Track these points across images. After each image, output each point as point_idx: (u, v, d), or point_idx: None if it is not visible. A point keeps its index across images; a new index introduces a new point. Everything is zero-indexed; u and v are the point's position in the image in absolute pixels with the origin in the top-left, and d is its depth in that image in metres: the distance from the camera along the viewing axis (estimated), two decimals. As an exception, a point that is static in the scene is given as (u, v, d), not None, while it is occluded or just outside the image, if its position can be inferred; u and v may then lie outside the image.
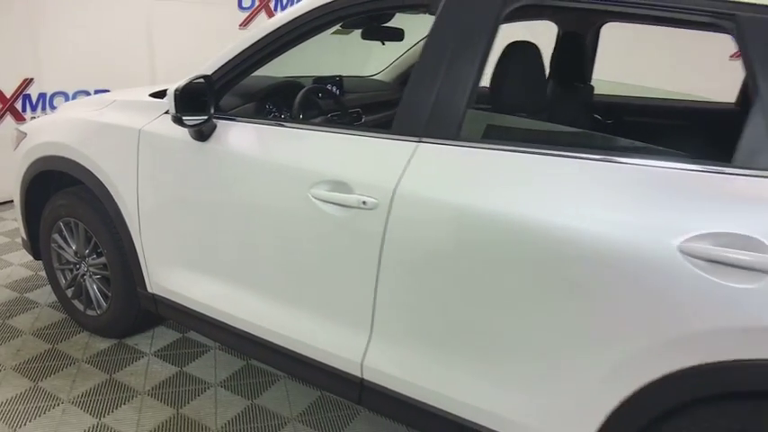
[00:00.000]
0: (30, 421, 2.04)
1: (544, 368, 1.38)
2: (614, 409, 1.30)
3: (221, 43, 1.97)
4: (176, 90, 1.72)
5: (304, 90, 2.17)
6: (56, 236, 2.54)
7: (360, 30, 2.41)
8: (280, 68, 2.60)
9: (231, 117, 1.90)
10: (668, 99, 2.66)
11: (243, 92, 2.14)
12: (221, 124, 1.88)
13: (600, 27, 2.50)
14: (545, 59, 1.85)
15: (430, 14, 1.57)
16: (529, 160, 1.37)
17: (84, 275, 2.51)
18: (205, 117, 1.79)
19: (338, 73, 2.86)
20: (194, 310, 2.06)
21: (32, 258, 2.78)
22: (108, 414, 2.09)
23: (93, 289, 2.50)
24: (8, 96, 4.25)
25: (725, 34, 1.23)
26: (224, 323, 1.98)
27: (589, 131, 1.60)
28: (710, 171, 1.19)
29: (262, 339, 1.88)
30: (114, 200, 2.18)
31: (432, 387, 1.57)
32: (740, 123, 1.19)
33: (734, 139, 1.19)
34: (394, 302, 1.58)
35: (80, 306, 2.58)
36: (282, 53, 1.82)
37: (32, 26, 4.22)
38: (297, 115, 2.16)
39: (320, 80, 2.63)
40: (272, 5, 5.47)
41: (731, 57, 3.65)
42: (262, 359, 2.13)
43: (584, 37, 2.38)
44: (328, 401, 2.20)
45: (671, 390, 1.23)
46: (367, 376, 1.68)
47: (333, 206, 1.59)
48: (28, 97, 4.35)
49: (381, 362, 1.64)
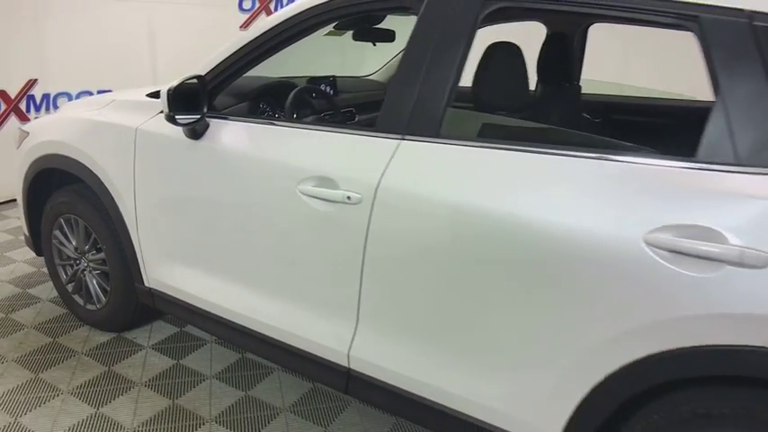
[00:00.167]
0: (30, 411, 2.11)
1: (520, 356, 1.44)
2: (586, 395, 1.35)
3: (222, 44, 2.04)
4: (169, 90, 1.79)
5: (296, 90, 2.23)
6: (57, 232, 2.61)
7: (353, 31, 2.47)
8: (280, 69, 2.68)
9: (224, 116, 1.96)
10: (658, 98, 2.71)
11: (237, 92, 2.21)
12: (214, 123, 1.94)
13: (587, 28, 2.56)
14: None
15: (414, 16, 1.63)
16: (504, 157, 1.42)
17: (84, 271, 2.58)
18: (198, 116, 1.86)
19: (339, 73, 2.92)
20: (189, 303, 2.12)
21: (35, 255, 2.86)
22: (106, 404, 2.16)
23: (92, 284, 2.57)
24: (13, 97, 4.34)
25: (690, 33, 1.28)
26: (216, 315, 2.04)
27: (561, 129, 1.65)
28: (674, 166, 1.24)
29: (252, 331, 1.94)
30: (112, 197, 2.25)
31: (414, 376, 1.62)
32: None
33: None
34: (378, 294, 1.64)
35: (80, 301, 2.65)
36: (272, 55, 1.88)
37: (37, 28, 4.31)
38: (289, 114, 2.23)
39: (314, 80, 2.70)
40: (273, 7, 5.54)
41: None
42: (253, 350, 2.19)
43: (570, 37, 2.43)
44: (320, 393, 2.26)
45: (637, 376, 1.28)
46: (353, 366, 1.74)
47: (319, 201, 1.65)
48: (32, 98, 4.44)
49: (366, 352, 1.70)
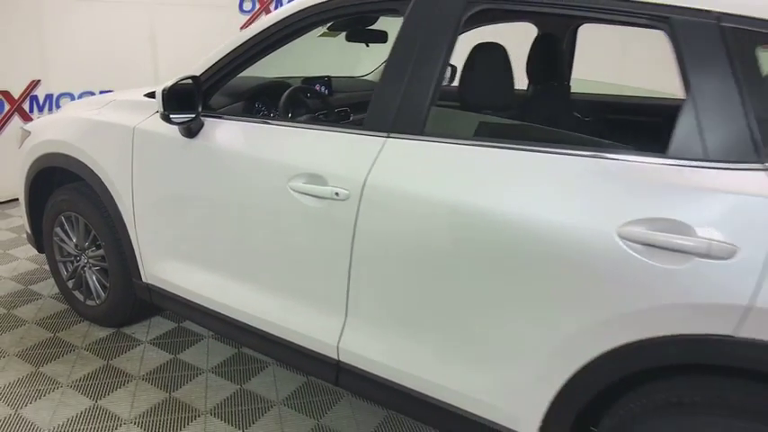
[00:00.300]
0: (30, 403, 2.17)
1: (502, 348, 1.48)
2: (565, 384, 1.39)
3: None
4: (163, 90, 1.84)
5: (289, 90, 2.28)
6: (57, 229, 2.67)
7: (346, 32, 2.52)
8: (281, 69, 2.73)
9: (218, 115, 2.01)
10: (648, 97, 2.75)
11: (232, 92, 2.26)
12: (209, 122, 1.99)
13: (576, 29, 2.60)
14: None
15: (401, 17, 1.68)
16: (484, 154, 1.47)
17: (84, 267, 2.64)
18: (192, 115, 1.91)
19: (337, 73, 2.97)
20: (183, 298, 2.17)
21: (36, 252, 2.92)
22: (104, 397, 2.21)
23: (92, 280, 2.63)
24: (16, 97, 4.41)
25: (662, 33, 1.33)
26: (210, 309, 2.09)
27: (541, 126, 1.70)
28: (648, 162, 1.29)
29: (246, 324, 1.99)
30: (111, 194, 2.30)
31: (401, 368, 1.67)
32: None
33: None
34: (365, 288, 1.68)
35: (80, 297, 2.71)
36: (265, 56, 1.93)
37: (40, 29, 4.38)
38: (283, 114, 2.28)
39: (309, 80, 2.75)
40: (273, 8, 5.60)
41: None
42: (245, 343, 2.24)
43: (559, 38, 2.48)
44: (313, 387, 2.31)
45: (613, 365, 1.32)
46: (343, 358, 1.79)
47: (309, 197, 1.70)
48: (35, 98, 4.51)
49: (355, 344, 1.75)
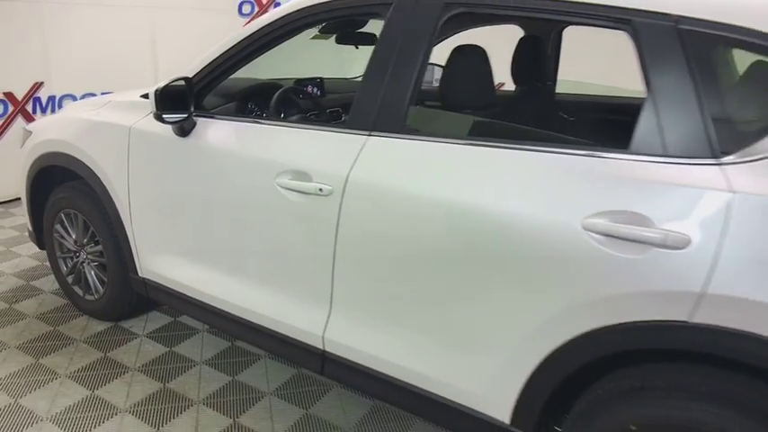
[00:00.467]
0: (30, 392, 2.24)
1: (476, 335, 1.55)
2: (535, 369, 1.46)
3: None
4: (156, 91, 1.92)
5: (280, 91, 2.36)
6: (57, 226, 2.75)
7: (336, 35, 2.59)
8: (277, 71, 2.82)
9: (210, 115, 2.09)
10: (629, 97, 2.80)
11: (226, 92, 2.34)
12: (201, 121, 2.07)
13: (561, 31, 2.67)
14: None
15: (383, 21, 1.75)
16: (460, 151, 1.54)
17: (83, 263, 2.72)
18: (185, 115, 1.99)
19: (336, 75, 3.04)
20: (178, 291, 2.25)
21: (38, 248, 3.00)
22: (101, 387, 2.29)
23: (91, 275, 2.71)
24: (19, 99, 4.51)
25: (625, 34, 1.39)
26: (203, 302, 2.17)
27: (515, 125, 1.76)
28: (610, 157, 1.35)
29: (236, 316, 2.06)
30: (108, 191, 2.38)
31: (382, 356, 1.74)
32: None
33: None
34: (348, 280, 1.75)
35: (80, 291, 2.79)
36: (254, 58, 2.01)
37: (42, 33, 4.48)
38: (274, 114, 2.35)
39: (301, 82, 2.82)
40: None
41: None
42: (237, 335, 2.32)
43: (543, 40, 2.54)
44: (303, 378, 2.38)
45: (579, 350, 1.39)
46: (328, 348, 1.86)
47: (295, 193, 1.78)
48: (38, 100, 4.61)
49: (339, 334, 1.82)
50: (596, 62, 3.50)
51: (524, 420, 1.52)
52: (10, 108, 4.49)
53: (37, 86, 4.58)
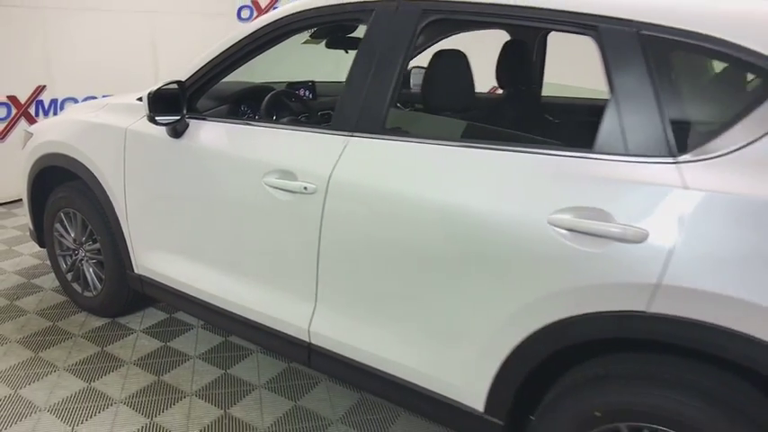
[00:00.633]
0: (29, 384, 2.33)
1: (451, 327, 1.62)
2: (506, 359, 1.53)
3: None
4: (149, 94, 2.00)
5: (271, 94, 2.44)
6: (57, 225, 2.84)
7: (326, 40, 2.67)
8: (276, 74, 2.89)
9: (202, 117, 2.17)
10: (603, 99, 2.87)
11: (219, 95, 2.42)
12: (193, 123, 2.15)
13: (546, 36, 2.74)
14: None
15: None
16: (435, 151, 1.61)
17: (81, 260, 2.80)
18: (177, 117, 2.07)
19: (334, 78, 3.11)
20: (171, 287, 2.33)
21: (38, 247, 3.09)
22: (97, 379, 2.37)
23: (89, 272, 2.79)
24: (22, 102, 4.61)
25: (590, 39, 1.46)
26: (196, 298, 2.24)
27: (488, 126, 1.83)
28: (575, 156, 1.42)
29: (226, 311, 2.14)
30: (106, 191, 2.47)
31: (365, 348, 1.81)
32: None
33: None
34: (332, 275, 1.83)
35: (78, 288, 2.87)
36: (245, 62, 2.09)
37: (45, 38, 4.59)
38: (265, 116, 2.43)
39: (293, 85, 2.90)
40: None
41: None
42: (227, 328, 2.39)
43: (527, 44, 2.61)
44: (293, 372, 2.45)
45: (546, 340, 1.45)
46: (314, 341, 1.93)
47: (281, 192, 1.85)
48: (41, 103, 4.71)
49: (324, 327, 1.89)
50: (583, 65, 3.57)
51: (498, 408, 1.59)
52: (13, 111, 4.59)
53: (39, 90, 4.68)
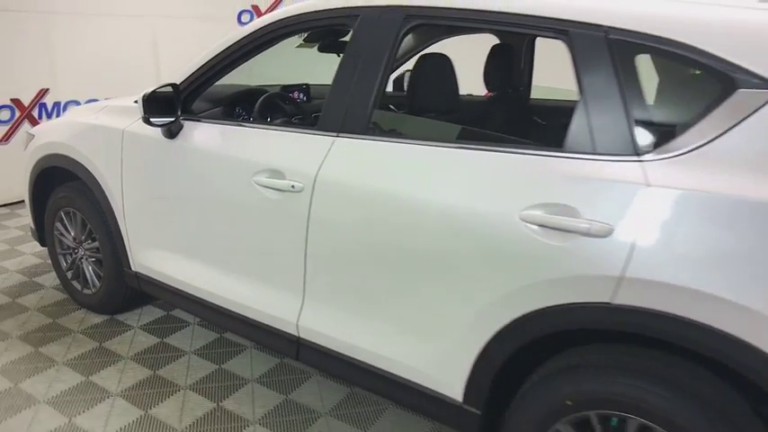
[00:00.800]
0: (29, 378, 2.40)
1: (430, 320, 1.68)
2: (482, 350, 1.59)
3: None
4: (144, 96, 2.08)
5: (264, 96, 2.51)
6: (58, 224, 2.92)
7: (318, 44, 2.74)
8: (278, 77, 2.96)
9: (197, 118, 2.25)
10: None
11: (214, 97, 2.49)
12: (188, 124, 2.22)
13: (533, 40, 2.80)
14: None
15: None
16: (415, 150, 1.68)
17: (81, 259, 2.88)
18: (171, 119, 2.14)
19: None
20: (166, 284, 2.40)
21: (40, 246, 3.17)
22: (95, 373, 2.44)
23: (88, 270, 2.87)
24: (26, 105, 4.71)
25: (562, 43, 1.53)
26: (190, 294, 2.31)
27: (467, 127, 1.89)
28: (546, 155, 1.49)
29: (219, 307, 2.21)
30: (104, 190, 2.54)
31: (350, 341, 1.87)
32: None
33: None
34: (319, 270, 1.89)
35: (78, 286, 2.95)
36: (236, 66, 2.18)
37: (48, 41, 4.69)
38: (259, 118, 2.50)
39: (288, 87, 2.98)
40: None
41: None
42: (221, 324, 2.46)
43: (514, 48, 2.68)
44: (285, 367, 2.52)
45: (519, 331, 1.51)
46: (302, 335, 2.00)
47: (270, 190, 1.92)
48: (44, 105, 4.81)
49: (312, 322, 1.96)
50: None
51: (475, 398, 1.65)
52: (17, 113, 4.68)
53: (43, 93, 4.78)
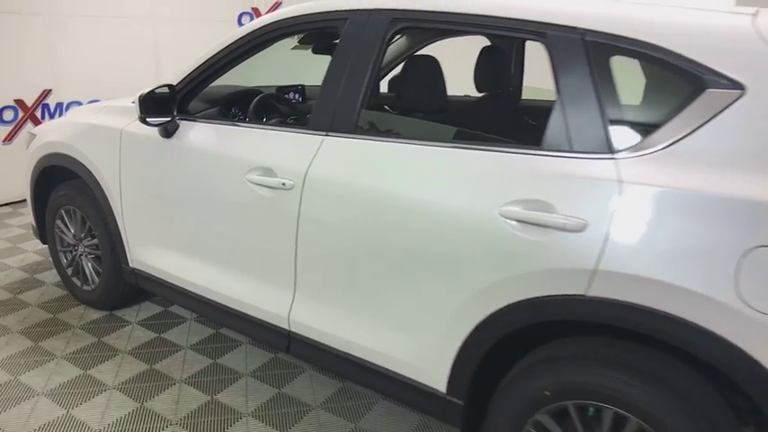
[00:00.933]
0: (28, 371, 2.46)
1: (414, 314, 1.73)
2: (463, 342, 1.64)
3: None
4: (140, 96, 2.14)
5: (259, 97, 2.57)
6: (58, 222, 2.98)
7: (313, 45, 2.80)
8: (277, 78, 3.01)
9: (193, 118, 2.31)
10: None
11: (210, 98, 2.55)
12: (183, 124, 2.28)
13: (523, 42, 2.85)
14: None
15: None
16: (401, 149, 1.74)
17: (81, 256, 2.94)
18: (167, 118, 2.20)
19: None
20: (163, 279, 2.46)
21: (41, 243, 3.23)
22: (93, 367, 2.50)
23: (88, 267, 2.93)
24: (29, 105, 4.78)
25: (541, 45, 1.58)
26: (185, 289, 2.37)
27: (451, 126, 1.94)
28: (526, 153, 1.54)
29: (213, 301, 2.27)
30: (103, 189, 2.60)
31: (339, 335, 1.92)
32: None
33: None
34: (309, 266, 1.95)
35: (78, 282, 3.01)
36: (231, 68, 2.24)
37: (51, 43, 4.76)
38: (254, 118, 2.56)
39: (283, 88, 3.03)
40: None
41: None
42: (215, 319, 2.52)
43: (503, 49, 2.72)
44: (279, 362, 2.57)
45: (499, 324, 1.56)
46: (293, 329, 2.05)
47: (262, 188, 1.98)
48: (47, 106, 4.88)
49: (302, 316, 2.01)
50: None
51: (458, 390, 1.70)
52: (20, 114, 4.76)
53: (45, 94, 4.85)
